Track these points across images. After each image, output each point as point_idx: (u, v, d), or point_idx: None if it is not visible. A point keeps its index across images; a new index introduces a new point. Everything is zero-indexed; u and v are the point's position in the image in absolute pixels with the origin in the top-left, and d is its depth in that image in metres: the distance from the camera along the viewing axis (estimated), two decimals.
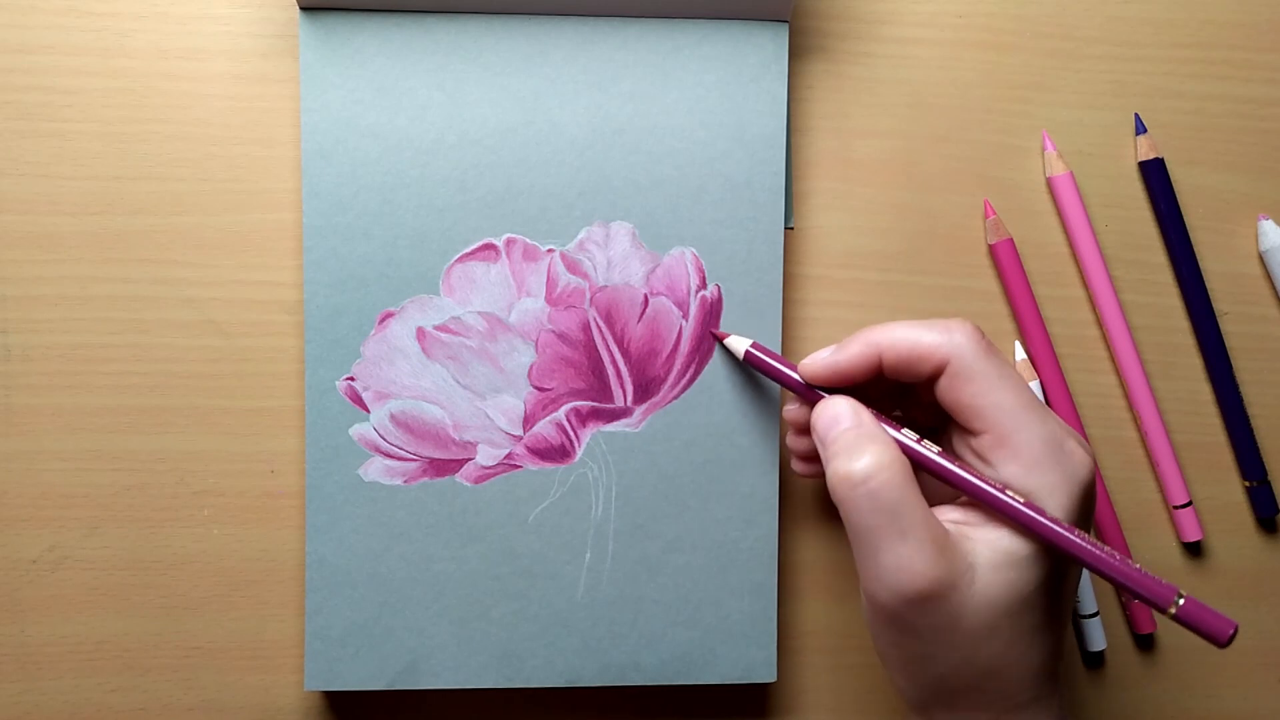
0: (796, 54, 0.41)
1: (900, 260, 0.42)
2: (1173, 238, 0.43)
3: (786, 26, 0.39)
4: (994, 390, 0.33)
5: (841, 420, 0.34)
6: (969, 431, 0.34)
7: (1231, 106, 0.43)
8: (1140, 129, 0.43)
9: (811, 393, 0.36)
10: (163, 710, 0.41)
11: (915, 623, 0.32)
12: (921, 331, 0.34)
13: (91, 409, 0.40)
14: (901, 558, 0.31)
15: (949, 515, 0.34)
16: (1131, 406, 0.43)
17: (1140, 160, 0.43)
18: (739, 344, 0.39)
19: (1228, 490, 0.44)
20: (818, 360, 0.36)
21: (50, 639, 0.41)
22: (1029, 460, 0.32)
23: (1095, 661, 0.44)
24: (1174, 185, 0.43)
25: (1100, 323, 0.43)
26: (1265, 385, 0.44)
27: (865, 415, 0.34)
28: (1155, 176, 0.42)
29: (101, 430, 0.40)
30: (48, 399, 0.40)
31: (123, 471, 0.40)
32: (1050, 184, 0.42)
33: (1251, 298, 0.44)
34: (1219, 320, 0.43)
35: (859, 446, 0.33)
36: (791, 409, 0.38)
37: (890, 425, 0.34)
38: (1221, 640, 0.30)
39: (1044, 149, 0.42)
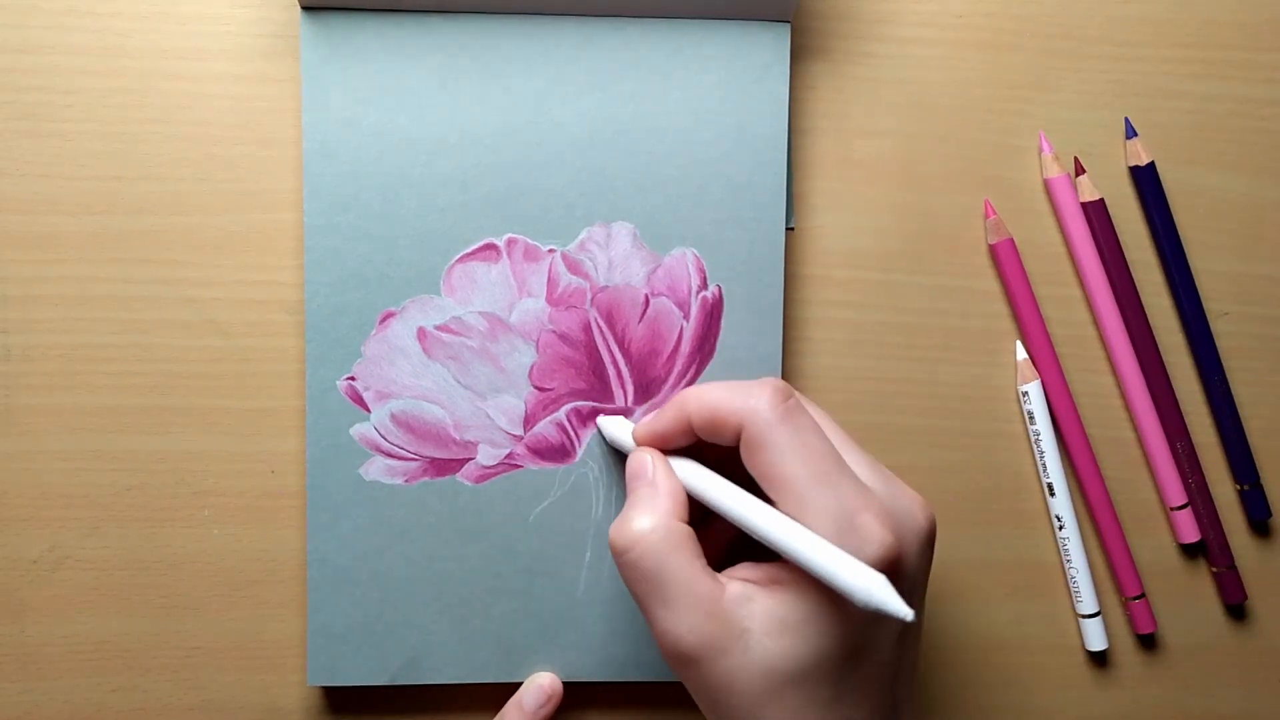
0: (798, 54, 0.41)
1: (900, 260, 0.42)
2: (1165, 244, 0.43)
3: (788, 27, 0.39)
4: (784, 461, 0.31)
5: (640, 474, 0.34)
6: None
7: (1231, 106, 0.43)
8: (1130, 133, 0.42)
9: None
10: (163, 710, 0.41)
11: (695, 684, 0.31)
12: (721, 395, 0.33)
13: (91, 409, 0.40)
14: (665, 622, 0.31)
15: (742, 574, 0.32)
16: (1128, 407, 0.43)
17: (1131, 165, 0.43)
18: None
19: (1222, 493, 0.44)
20: (642, 426, 0.36)
21: (50, 639, 0.41)
22: None
23: (1096, 661, 0.44)
24: (1174, 185, 0.43)
25: (1097, 323, 0.43)
26: (1266, 386, 0.44)
27: (661, 471, 0.34)
28: (1147, 182, 0.42)
29: (101, 430, 0.40)
30: (48, 399, 0.40)
31: (123, 471, 0.40)
32: (1047, 185, 0.42)
33: (1252, 298, 0.44)
34: (1220, 321, 0.43)
35: (632, 508, 0.33)
36: None
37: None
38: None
39: (1040, 151, 0.42)
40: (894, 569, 0.30)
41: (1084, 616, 0.43)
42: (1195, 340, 0.43)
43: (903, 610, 0.27)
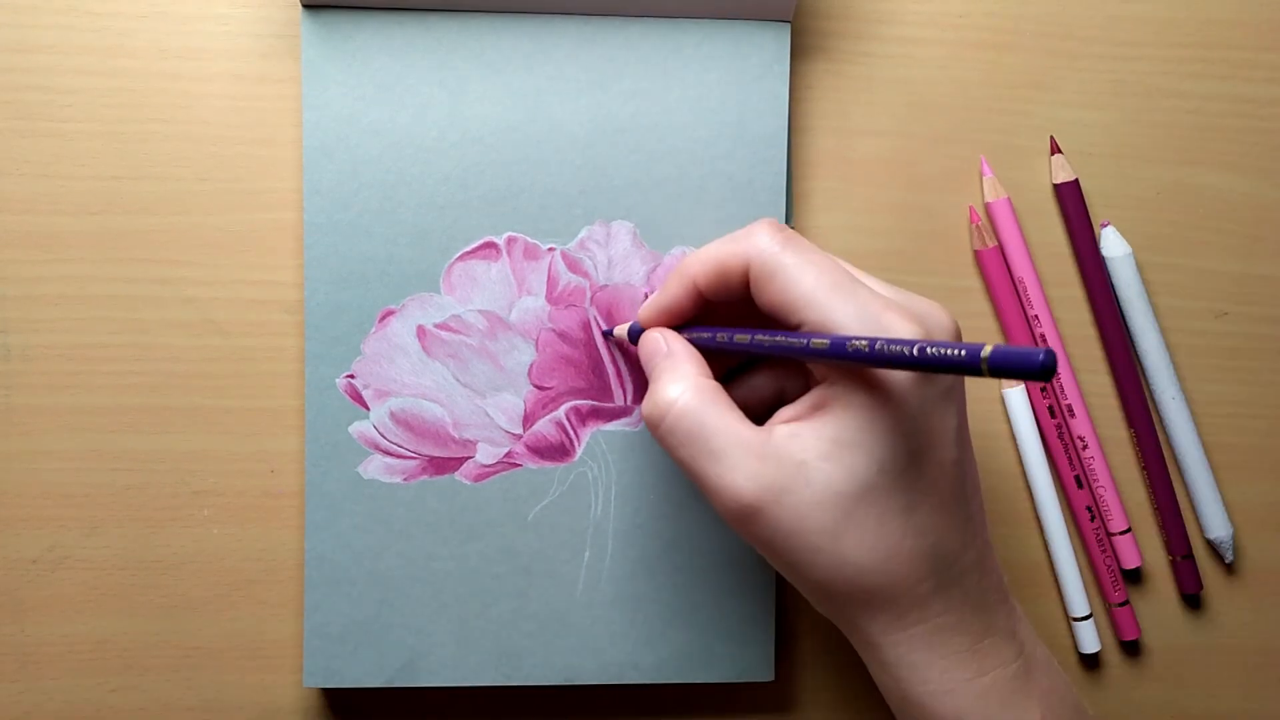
0: (797, 54, 0.41)
1: (900, 260, 0.42)
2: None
3: (788, 26, 0.39)
4: (796, 281, 0.31)
5: (656, 352, 0.35)
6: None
7: (1231, 106, 0.43)
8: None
9: None
10: (163, 710, 0.41)
11: (765, 536, 0.31)
12: (718, 245, 0.34)
13: (91, 409, 0.40)
14: (721, 478, 0.31)
15: (781, 416, 0.32)
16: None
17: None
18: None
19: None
20: (646, 306, 0.36)
21: (50, 639, 0.41)
22: None
23: (1090, 664, 0.44)
24: (1174, 185, 0.43)
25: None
26: (1266, 386, 0.44)
27: (674, 340, 0.35)
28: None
29: (101, 430, 0.40)
30: (48, 399, 0.40)
31: (123, 471, 0.40)
32: (988, 209, 0.42)
33: (1252, 298, 0.44)
34: (1220, 321, 0.43)
35: (657, 381, 0.33)
36: None
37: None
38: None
39: (982, 174, 0.42)
40: None
41: (1075, 619, 0.43)
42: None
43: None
